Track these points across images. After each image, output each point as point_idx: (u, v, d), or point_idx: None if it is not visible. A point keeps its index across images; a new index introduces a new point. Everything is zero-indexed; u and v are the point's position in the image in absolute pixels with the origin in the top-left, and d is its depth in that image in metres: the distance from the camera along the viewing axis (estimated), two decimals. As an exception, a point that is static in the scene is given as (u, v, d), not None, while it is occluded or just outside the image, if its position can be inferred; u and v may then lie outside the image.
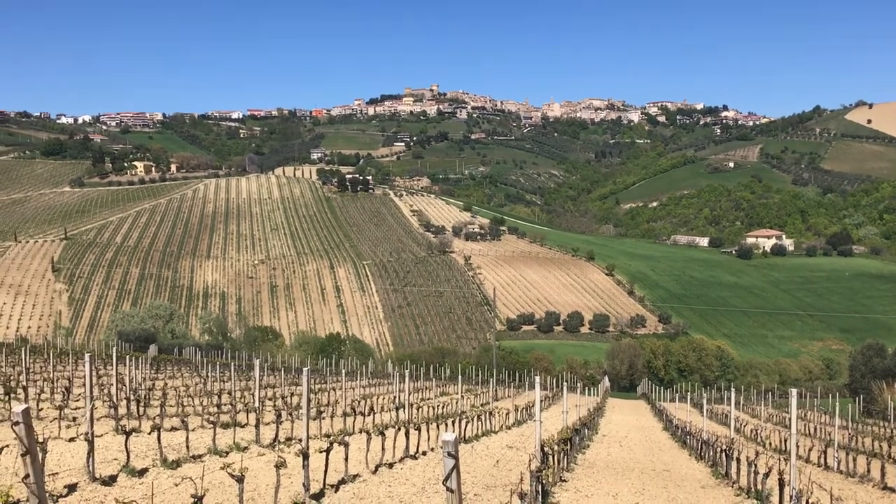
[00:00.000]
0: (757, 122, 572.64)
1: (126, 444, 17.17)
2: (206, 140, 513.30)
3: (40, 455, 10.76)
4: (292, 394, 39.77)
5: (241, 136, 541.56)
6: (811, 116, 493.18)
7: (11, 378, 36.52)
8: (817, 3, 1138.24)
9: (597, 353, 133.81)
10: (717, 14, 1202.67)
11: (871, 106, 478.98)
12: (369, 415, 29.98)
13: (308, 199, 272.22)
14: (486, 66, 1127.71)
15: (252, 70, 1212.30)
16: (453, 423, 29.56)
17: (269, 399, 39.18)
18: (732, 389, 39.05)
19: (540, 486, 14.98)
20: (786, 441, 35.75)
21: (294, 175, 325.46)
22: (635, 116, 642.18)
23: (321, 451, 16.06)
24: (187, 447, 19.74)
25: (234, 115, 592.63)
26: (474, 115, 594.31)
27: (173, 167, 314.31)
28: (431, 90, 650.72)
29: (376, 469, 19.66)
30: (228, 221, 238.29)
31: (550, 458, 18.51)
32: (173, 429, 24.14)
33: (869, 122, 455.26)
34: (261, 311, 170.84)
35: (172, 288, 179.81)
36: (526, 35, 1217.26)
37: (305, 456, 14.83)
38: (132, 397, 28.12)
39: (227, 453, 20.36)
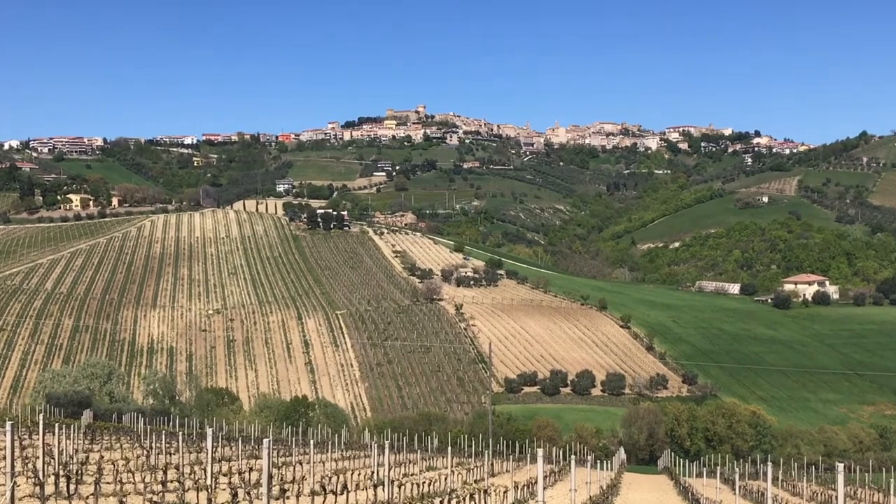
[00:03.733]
0: (794, 151, 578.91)
1: (53, 530, 16.97)
2: (154, 169, 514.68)
3: (-49, 544, 10.67)
4: (251, 468, 39.40)
5: (195, 164, 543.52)
6: (857, 143, 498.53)
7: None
8: (860, 18, 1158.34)
9: (611, 420, 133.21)
10: (746, 28, 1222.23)
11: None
12: (342, 494, 29.72)
13: (272, 237, 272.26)
14: (480, 86, 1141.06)
15: (208, 89, 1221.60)
16: (441, 503, 29.34)
17: (224, 475, 38.78)
18: (770, 462, 38.95)
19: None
20: (832, 524, 35.61)
21: (256, 210, 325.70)
22: (653, 143, 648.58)
23: (285, 538, 15.91)
24: (126, 533, 19.52)
25: (187, 141, 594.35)
26: (467, 141, 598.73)
27: (115, 201, 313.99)
28: (417, 112, 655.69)
29: (350, 559, 19.45)
30: (179, 264, 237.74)
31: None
32: (110, 511, 23.85)
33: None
34: (215, 369, 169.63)
35: (112, 342, 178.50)
36: (525, 50, 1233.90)
37: (266, 543, 14.69)
38: (62, 472, 27.81)
39: (174, 540, 20.14)
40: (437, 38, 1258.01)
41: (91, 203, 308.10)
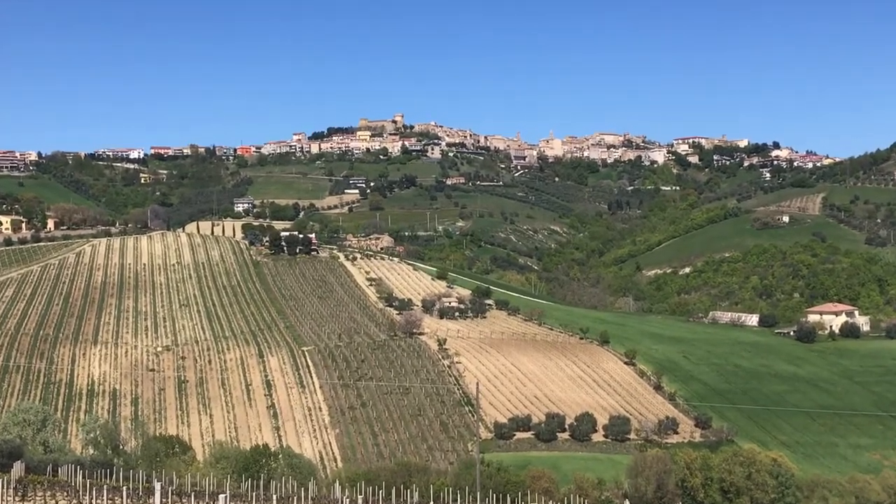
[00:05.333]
0: (818, 164, 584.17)
1: None
2: (96, 187, 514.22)
3: None
4: (206, 528, 39.21)
5: (143, 181, 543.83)
6: (888, 156, 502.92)
7: None
8: (890, 18, 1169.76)
9: (614, 469, 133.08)
10: (762, 29, 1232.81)
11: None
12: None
13: (230, 264, 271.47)
14: (465, 93, 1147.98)
15: (157, 96, 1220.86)
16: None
17: (175, 536, 38.60)
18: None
19: None
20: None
21: (212, 233, 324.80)
22: (660, 156, 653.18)
23: None
24: None
25: (133, 155, 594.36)
26: (450, 154, 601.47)
27: (51, 223, 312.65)
28: (394, 122, 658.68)
29: None
30: (123, 295, 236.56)
31: None
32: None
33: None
34: (165, 414, 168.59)
35: (46, 384, 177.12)
36: (516, 52, 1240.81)
37: None
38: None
39: None
40: (416, 38, 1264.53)
41: (24, 226, 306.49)
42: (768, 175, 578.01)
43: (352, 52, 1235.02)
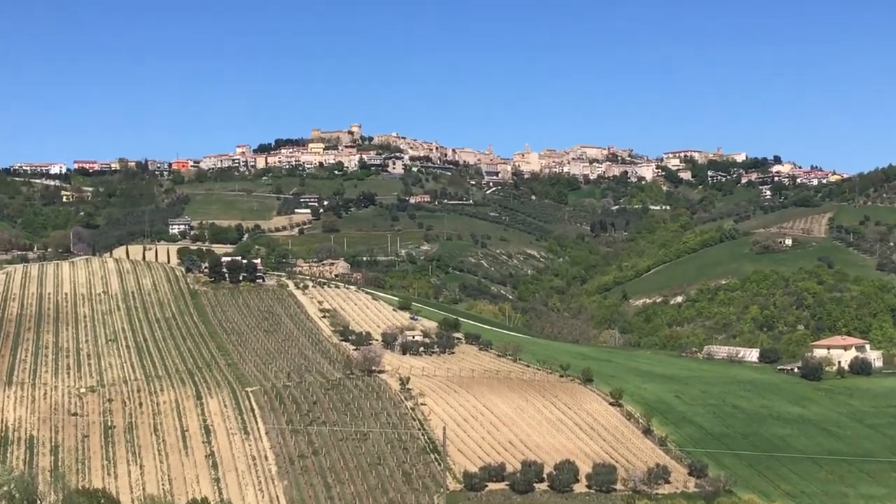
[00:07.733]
0: (824, 181, 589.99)
1: None
2: (12, 206, 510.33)
3: None
4: None
5: (65, 199, 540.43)
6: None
7: None
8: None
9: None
10: (760, 31, 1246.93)
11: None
12: None
13: (164, 293, 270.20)
14: (431, 101, 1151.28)
15: (81, 104, 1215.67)
16: None
17: None
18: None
19: None
20: None
21: (143, 258, 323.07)
22: (648, 172, 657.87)
23: None
24: None
25: (54, 170, 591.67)
26: (414, 169, 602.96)
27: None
28: (350, 133, 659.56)
29: None
30: (42, 329, 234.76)
31: None
32: None
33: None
34: (89, 465, 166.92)
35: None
36: (487, 55, 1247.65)
37: None
38: None
39: None
40: (376, 39, 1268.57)
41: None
42: (769, 193, 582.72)
43: (303, 54, 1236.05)
